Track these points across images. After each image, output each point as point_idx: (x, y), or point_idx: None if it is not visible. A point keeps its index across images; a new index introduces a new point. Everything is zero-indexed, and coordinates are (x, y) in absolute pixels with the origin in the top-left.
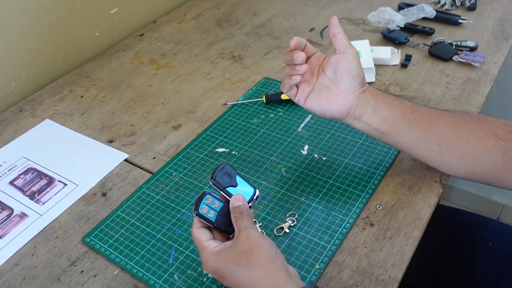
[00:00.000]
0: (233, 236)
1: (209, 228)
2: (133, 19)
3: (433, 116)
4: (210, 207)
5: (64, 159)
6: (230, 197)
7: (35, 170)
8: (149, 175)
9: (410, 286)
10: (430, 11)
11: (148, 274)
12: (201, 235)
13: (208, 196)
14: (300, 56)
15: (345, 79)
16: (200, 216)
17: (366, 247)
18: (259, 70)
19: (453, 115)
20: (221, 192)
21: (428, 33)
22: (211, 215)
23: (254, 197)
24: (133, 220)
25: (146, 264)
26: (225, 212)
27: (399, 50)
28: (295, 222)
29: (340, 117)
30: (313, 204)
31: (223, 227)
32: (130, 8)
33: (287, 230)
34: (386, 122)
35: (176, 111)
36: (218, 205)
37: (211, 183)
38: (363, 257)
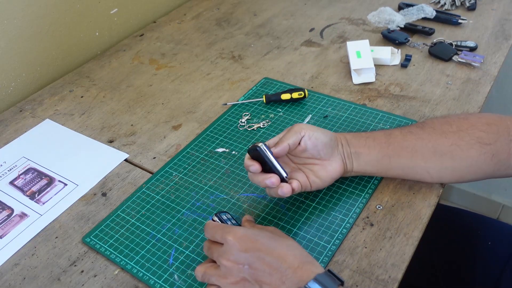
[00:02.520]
0: None
1: None
2: (133, 19)
3: (410, 141)
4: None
5: (64, 159)
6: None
7: (35, 170)
8: (149, 175)
9: (410, 286)
10: (430, 11)
11: (148, 274)
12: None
13: (226, 213)
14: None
15: (322, 152)
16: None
17: (366, 247)
18: (259, 70)
19: (431, 131)
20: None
21: (428, 33)
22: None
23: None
24: (133, 220)
25: (146, 264)
26: None
27: (399, 50)
28: None
29: (343, 175)
30: (313, 204)
31: None
32: (130, 8)
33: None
34: (370, 164)
35: (176, 111)
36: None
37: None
38: (363, 257)
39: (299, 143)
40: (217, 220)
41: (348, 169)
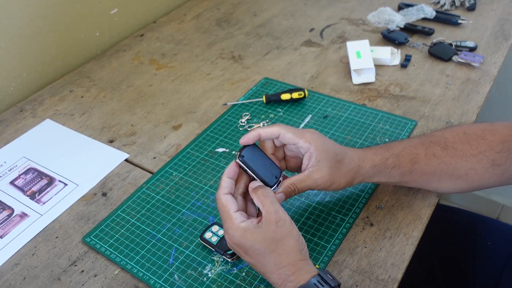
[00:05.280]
0: (231, 255)
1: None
2: (133, 19)
3: (432, 166)
4: (214, 234)
5: (65, 159)
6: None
7: (35, 170)
8: (149, 175)
9: (410, 286)
10: (430, 12)
11: (148, 274)
12: (229, 204)
13: (215, 225)
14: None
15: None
16: (203, 240)
17: (366, 247)
18: (259, 70)
19: (453, 154)
20: (249, 171)
21: (428, 33)
22: (214, 240)
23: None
24: (133, 220)
25: (146, 264)
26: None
27: (399, 50)
28: None
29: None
30: (313, 204)
31: (222, 249)
32: (130, 8)
33: None
34: (381, 183)
35: (176, 111)
36: (222, 232)
37: (239, 161)
38: (363, 257)
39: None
40: (202, 239)
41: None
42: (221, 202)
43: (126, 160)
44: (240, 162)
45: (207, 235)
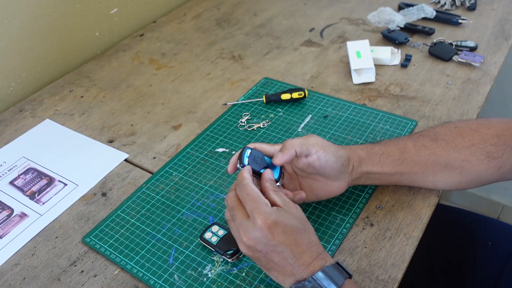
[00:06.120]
0: (231, 255)
1: None
2: (133, 19)
3: (423, 156)
4: (214, 234)
5: (64, 159)
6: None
7: (35, 170)
8: (149, 175)
9: (410, 286)
10: (430, 11)
11: (148, 274)
12: (258, 191)
13: (215, 225)
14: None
15: (329, 174)
16: (203, 240)
17: (366, 247)
18: (259, 70)
19: (444, 145)
20: (256, 176)
21: (428, 33)
22: (213, 240)
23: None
24: (133, 220)
25: (146, 264)
26: (225, 239)
27: (399, 50)
28: None
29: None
30: (313, 204)
31: (222, 249)
32: (130, 8)
33: None
34: (379, 180)
35: (176, 111)
36: (222, 232)
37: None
38: (363, 257)
39: (306, 156)
40: (202, 239)
41: (352, 184)
42: (250, 189)
43: (125, 160)
44: (251, 152)
45: (207, 235)
